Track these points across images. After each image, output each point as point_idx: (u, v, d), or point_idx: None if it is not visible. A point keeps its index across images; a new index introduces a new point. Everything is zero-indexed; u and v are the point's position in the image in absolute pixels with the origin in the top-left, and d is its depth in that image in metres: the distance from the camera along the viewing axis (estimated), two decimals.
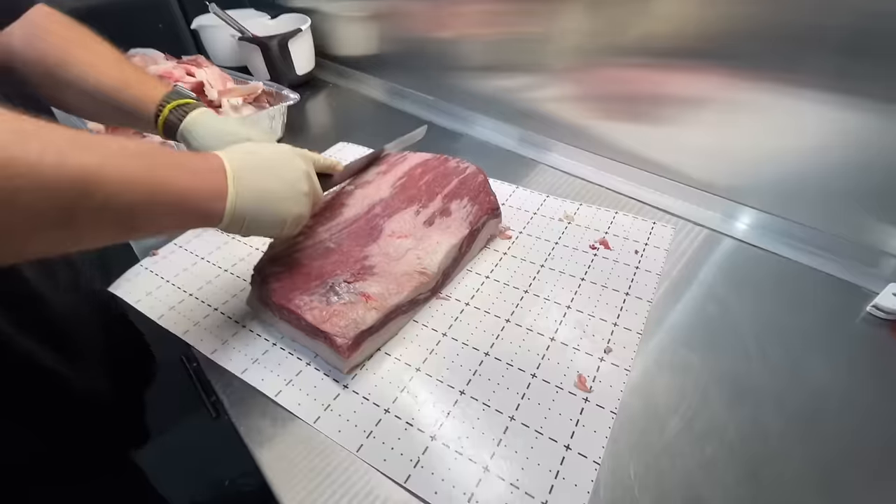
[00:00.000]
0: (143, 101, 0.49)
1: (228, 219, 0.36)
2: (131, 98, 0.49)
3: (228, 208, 0.36)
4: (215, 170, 0.36)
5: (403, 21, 0.89)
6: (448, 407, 0.41)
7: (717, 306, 0.50)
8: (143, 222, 0.32)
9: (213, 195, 0.35)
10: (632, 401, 0.41)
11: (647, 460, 0.37)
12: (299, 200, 0.41)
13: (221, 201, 0.36)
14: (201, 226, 0.37)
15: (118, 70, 0.49)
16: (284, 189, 0.40)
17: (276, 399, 0.42)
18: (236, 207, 0.36)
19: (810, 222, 0.56)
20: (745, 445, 0.37)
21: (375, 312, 0.44)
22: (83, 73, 0.47)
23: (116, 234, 0.32)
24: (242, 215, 0.37)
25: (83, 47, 0.48)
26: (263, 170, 0.39)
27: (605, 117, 0.69)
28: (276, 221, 0.40)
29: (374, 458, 0.38)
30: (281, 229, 0.41)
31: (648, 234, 0.59)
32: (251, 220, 0.38)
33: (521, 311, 0.50)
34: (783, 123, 0.53)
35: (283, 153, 0.42)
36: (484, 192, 0.57)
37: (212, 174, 0.36)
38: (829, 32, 0.46)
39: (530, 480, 0.36)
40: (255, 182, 0.38)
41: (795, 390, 0.42)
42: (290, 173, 0.41)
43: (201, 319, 0.50)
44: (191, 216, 0.35)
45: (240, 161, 0.38)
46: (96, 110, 0.51)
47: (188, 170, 0.34)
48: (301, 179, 0.42)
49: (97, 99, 0.48)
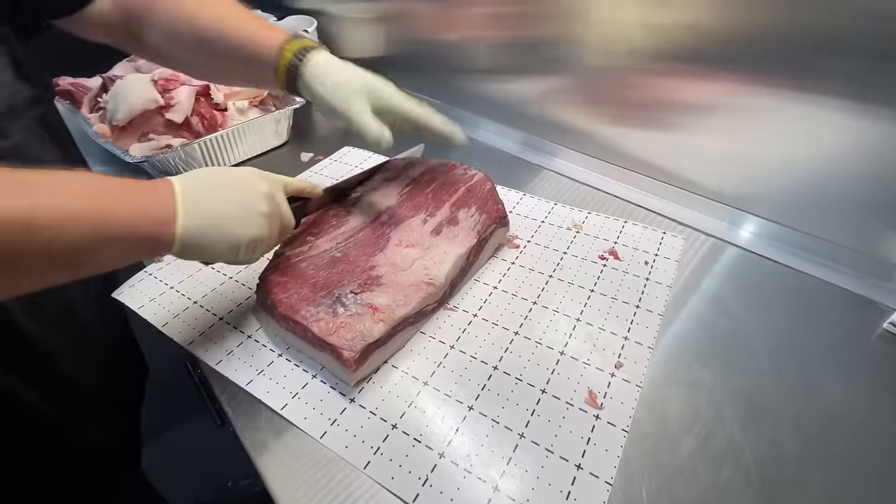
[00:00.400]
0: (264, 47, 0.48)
1: (179, 244, 0.35)
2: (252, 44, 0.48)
3: (178, 233, 0.34)
4: (163, 195, 0.35)
5: (410, 23, 0.88)
6: (457, 423, 0.40)
7: (729, 320, 0.49)
8: (90, 259, 0.31)
9: (160, 221, 0.34)
10: (643, 418, 0.40)
11: (660, 481, 0.36)
12: (255, 223, 0.39)
13: (169, 226, 0.34)
14: (152, 255, 0.35)
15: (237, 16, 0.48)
16: (237, 211, 0.38)
17: (282, 412, 0.42)
18: (186, 232, 0.35)
19: (824, 234, 0.55)
20: (762, 468, 0.37)
21: (383, 324, 0.43)
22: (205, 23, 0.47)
23: (65, 273, 0.31)
24: (194, 240, 0.35)
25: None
26: (216, 192, 0.37)
27: (613, 123, 0.68)
28: (229, 245, 0.38)
29: (381, 475, 0.37)
30: (236, 254, 0.39)
31: (658, 245, 0.58)
32: (203, 244, 0.36)
33: (529, 324, 0.49)
34: (797, 131, 0.52)
35: (242, 174, 0.40)
36: (492, 201, 0.56)
37: (158, 200, 0.34)
38: (845, 38, 0.45)
39: (541, 501, 0.35)
40: (205, 204, 0.36)
41: (812, 410, 0.41)
42: (246, 194, 0.39)
43: (206, 329, 0.49)
44: (139, 246, 0.34)
45: (191, 184, 0.36)
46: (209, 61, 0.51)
47: (132, 198, 0.33)
48: (258, 201, 0.39)
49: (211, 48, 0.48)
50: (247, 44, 0.48)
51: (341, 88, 0.47)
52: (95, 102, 0.79)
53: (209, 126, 0.75)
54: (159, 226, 0.34)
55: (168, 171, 0.69)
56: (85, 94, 0.81)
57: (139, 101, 0.70)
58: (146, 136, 0.72)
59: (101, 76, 0.81)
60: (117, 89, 0.72)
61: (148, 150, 0.70)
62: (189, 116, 0.73)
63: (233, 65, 0.51)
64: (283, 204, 0.43)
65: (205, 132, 0.74)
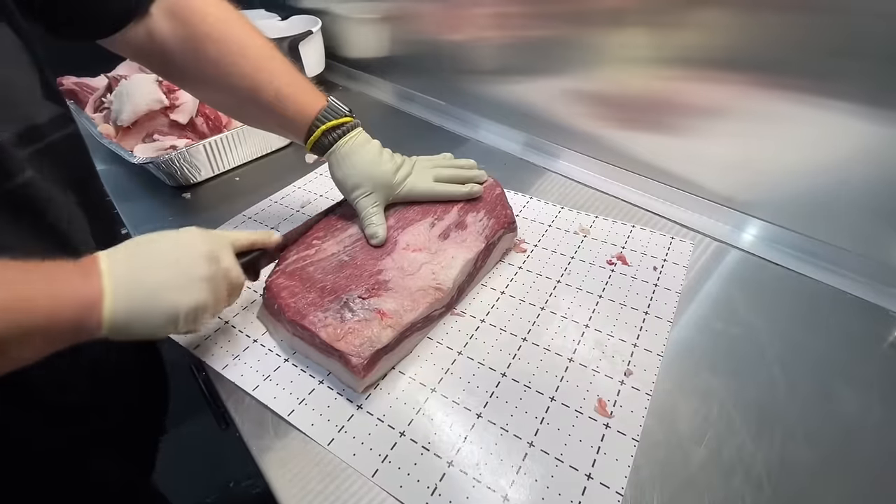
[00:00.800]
0: (298, 115, 0.49)
1: (109, 325, 0.32)
2: (286, 111, 0.49)
3: (106, 315, 0.32)
4: (88, 275, 0.32)
5: (414, 23, 0.88)
6: (465, 431, 0.40)
7: (739, 327, 0.48)
8: (16, 351, 0.29)
9: (86, 303, 0.31)
10: (654, 427, 0.40)
11: (671, 492, 0.36)
12: (193, 288, 0.36)
13: (96, 308, 0.31)
14: (81, 339, 0.32)
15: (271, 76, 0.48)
16: (172, 277, 0.35)
17: (289, 419, 0.41)
18: (115, 311, 0.32)
19: (835, 241, 0.54)
20: (774, 479, 0.36)
21: (391, 330, 0.43)
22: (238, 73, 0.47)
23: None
24: (126, 318, 0.33)
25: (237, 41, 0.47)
26: (149, 261, 0.35)
27: (619, 126, 0.68)
28: (167, 316, 0.35)
29: (389, 484, 0.37)
30: (175, 324, 0.36)
31: (667, 250, 0.58)
32: (137, 320, 0.33)
33: (537, 330, 0.48)
34: (807, 135, 0.51)
35: (179, 237, 0.38)
36: (501, 205, 0.56)
37: (82, 280, 0.32)
38: (860, 42, 0.45)
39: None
40: (136, 278, 0.34)
41: (824, 420, 0.40)
42: (181, 258, 0.36)
43: (211, 333, 0.49)
44: (66, 333, 0.31)
45: (121, 257, 0.34)
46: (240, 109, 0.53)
47: (54, 287, 0.31)
48: (196, 263, 0.37)
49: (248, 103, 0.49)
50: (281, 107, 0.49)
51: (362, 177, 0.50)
52: (100, 103, 0.79)
53: (214, 127, 0.75)
54: (85, 309, 0.31)
55: (172, 173, 0.68)
56: (89, 94, 0.81)
57: (144, 101, 0.70)
58: (151, 136, 0.72)
59: (107, 76, 0.81)
60: (122, 89, 0.71)
61: (152, 151, 0.69)
62: (194, 117, 0.73)
63: (262, 117, 0.52)
64: (230, 262, 0.41)
65: (209, 133, 0.74)
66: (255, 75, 0.48)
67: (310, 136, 0.50)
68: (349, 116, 0.51)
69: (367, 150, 0.51)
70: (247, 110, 0.52)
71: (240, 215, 0.66)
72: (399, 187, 0.52)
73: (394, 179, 0.51)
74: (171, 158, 0.67)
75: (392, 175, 0.51)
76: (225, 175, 0.75)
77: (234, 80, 0.48)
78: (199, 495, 1.05)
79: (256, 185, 0.72)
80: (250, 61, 0.47)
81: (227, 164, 0.75)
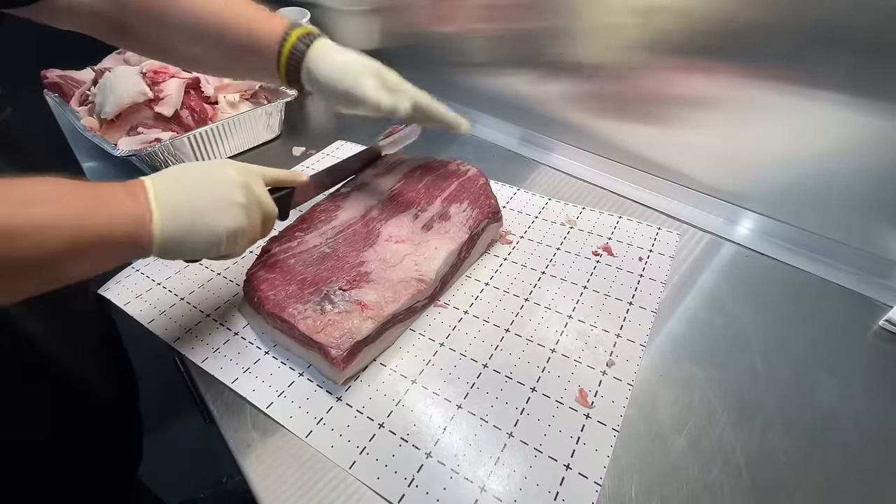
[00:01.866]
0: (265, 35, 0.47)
1: (159, 243, 0.34)
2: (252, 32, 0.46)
3: (156, 232, 0.34)
4: (135, 195, 0.34)
5: (404, 15, 0.87)
6: (445, 422, 0.40)
7: (723, 318, 0.48)
8: (71, 267, 0.31)
9: (137, 222, 0.33)
10: (634, 417, 0.40)
11: (650, 481, 0.36)
12: (232, 212, 0.38)
13: (146, 226, 0.33)
14: (134, 256, 0.35)
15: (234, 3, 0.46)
16: (213, 203, 0.37)
17: (267, 411, 0.41)
18: (164, 230, 0.34)
19: (821, 230, 0.54)
20: (753, 467, 0.36)
21: (371, 322, 0.42)
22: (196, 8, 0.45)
23: (46, 279, 0.31)
24: (173, 238, 0.35)
25: None
26: (189, 186, 0.37)
27: (609, 117, 0.67)
28: (210, 238, 0.37)
29: (367, 475, 0.36)
30: (218, 248, 0.38)
31: (653, 241, 0.57)
32: (183, 239, 0.35)
33: (521, 321, 0.48)
34: (795, 126, 0.51)
35: (213, 166, 0.39)
36: (485, 196, 0.55)
37: (132, 200, 0.34)
38: (846, 30, 0.44)
39: (529, 502, 0.35)
40: (180, 200, 0.36)
41: (805, 409, 0.40)
42: (220, 185, 0.38)
43: (193, 326, 0.48)
44: (119, 250, 0.33)
45: (163, 181, 0.36)
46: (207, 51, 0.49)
47: (108, 203, 0.32)
48: (233, 191, 0.38)
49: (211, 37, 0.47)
50: (246, 31, 0.47)
51: (351, 68, 0.46)
52: (85, 96, 0.78)
53: (199, 119, 0.74)
54: (137, 227, 0.33)
55: (156, 166, 0.68)
56: (74, 87, 0.80)
57: (127, 93, 0.69)
58: (135, 129, 0.71)
59: (93, 69, 0.80)
60: (105, 82, 0.70)
61: (136, 144, 0.68)
62: (179, 110, 0.72)
63: (229, 53, 0.49)
64: (262, 193, 0.42)
65: (195, 126, 0.73)
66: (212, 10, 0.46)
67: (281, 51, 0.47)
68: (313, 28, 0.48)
69: (346, 50, 0.48)
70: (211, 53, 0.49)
71: None
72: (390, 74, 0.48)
73: (384, 67, 0.48)
74: (156, 151, 0.66)
75: (380, 66, 0.48)
76: None
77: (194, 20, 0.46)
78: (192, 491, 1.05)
79: None
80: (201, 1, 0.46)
81: (213, 156, 0.74)
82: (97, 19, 0.47)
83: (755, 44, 0.50)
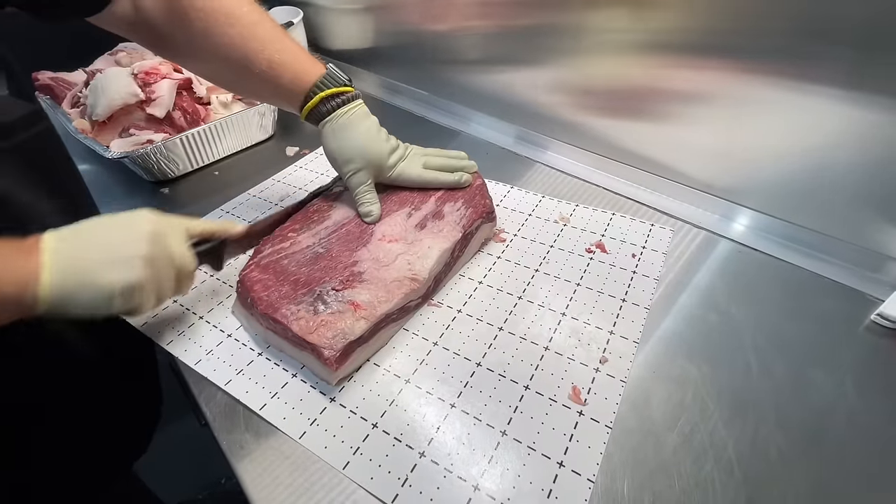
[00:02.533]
0: (294, 83, 0.48)
1: (46, 303, 0.32)
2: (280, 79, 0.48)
3: (42, 293, 0.32)
4: (29, 254, 0.33)
5: (398, 13, 0.87)
6: (438, 421, 0.40)
7: (717, 314, 0.48)
8: None
9: (21, 283, 0.32)
10: (627, 414, 0.40)
11: (643, 478, 0.36)
12: (128, 266, 0.35)
13: (30, 288, 0.32)
14: (21, 315, 0.33)
15: (262, 44, 0.47)
16: (107, 255, 0.35)
17: (261, 413, 0.41)
18: (52, 290, 0.32)
19: (813, 225, 0.54)
20: (745, 465, 0.36)
21: (364, 322, 0.42)
22: (227, 43, 0.46)
23: None
24: (61, 295, 0.33)
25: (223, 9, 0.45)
26: (87, 241, 0.35)
27: (603, 114, 0.67)
28: (99, 294, 0.34)
29: (360, 476, 0.36)
30: (111, 302, 0.35)
31: (646, 237, 0.57)
32: (73, 297, 0.33)
33: (514, 319, 0.48)
34: (789, 121, 0.51)
35: (127, 218, 0.38)
36: (479, 195, 0.55)
37: (24, 260, 0.32)
38: (844, 25, 0.44)
39: (522, 500, 0.35)
40: (73, 256, 0.34)
41: (797, 405, 0.40)
42: (121, 236, 0.36)
43: (185, 328, 0.48)
44: (3, 309, 0.32)
45: (65, 236, 0.35)
46: (235, 81, 0.51)
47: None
48: (136, 241, 0.36)
49: (241, 74, 0.48)
50: (275, 75, 0.48)
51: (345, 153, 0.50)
52: (77, 98, 0.77)
53: (192, 120, 0.73)
54: (21, 289, 0.32)
55: (149, 168, 0.67)
56: (66, 89, 0.79)
57: (119, 95, 0.69)
58: (127, 131, 0.71)
59: (84, 70, 0.80)
60: (96, 83, 0.70)
61: (128, 146, 0.68)
62: (171, 111, 0.72)
63: (256, 88, 0.51)
64: (176, 246, 0.40)
65: (187, 127, 0.73)
66: (245, 44, 0.46)
67: (306, 103, 0.48)
68: (349, 86, 0.50)
69: (366, 125, 0.50)
70: (242, 81, 0.51)
71: (218, 210, 0.65)
72: (390, 170, 0.52)
73: (388, 161, 0.51)
74: (148, 153, 0.66)
75: (387, 156, 0.51)
76: (204, 169, 0.74)
77: (223, 50, 0.46)
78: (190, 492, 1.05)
79: (235, 179, 0.71)
80: (238, 30, 0.46)
81: (206, 158, 0.74)
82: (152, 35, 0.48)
83: (748, 39, 0.50)
